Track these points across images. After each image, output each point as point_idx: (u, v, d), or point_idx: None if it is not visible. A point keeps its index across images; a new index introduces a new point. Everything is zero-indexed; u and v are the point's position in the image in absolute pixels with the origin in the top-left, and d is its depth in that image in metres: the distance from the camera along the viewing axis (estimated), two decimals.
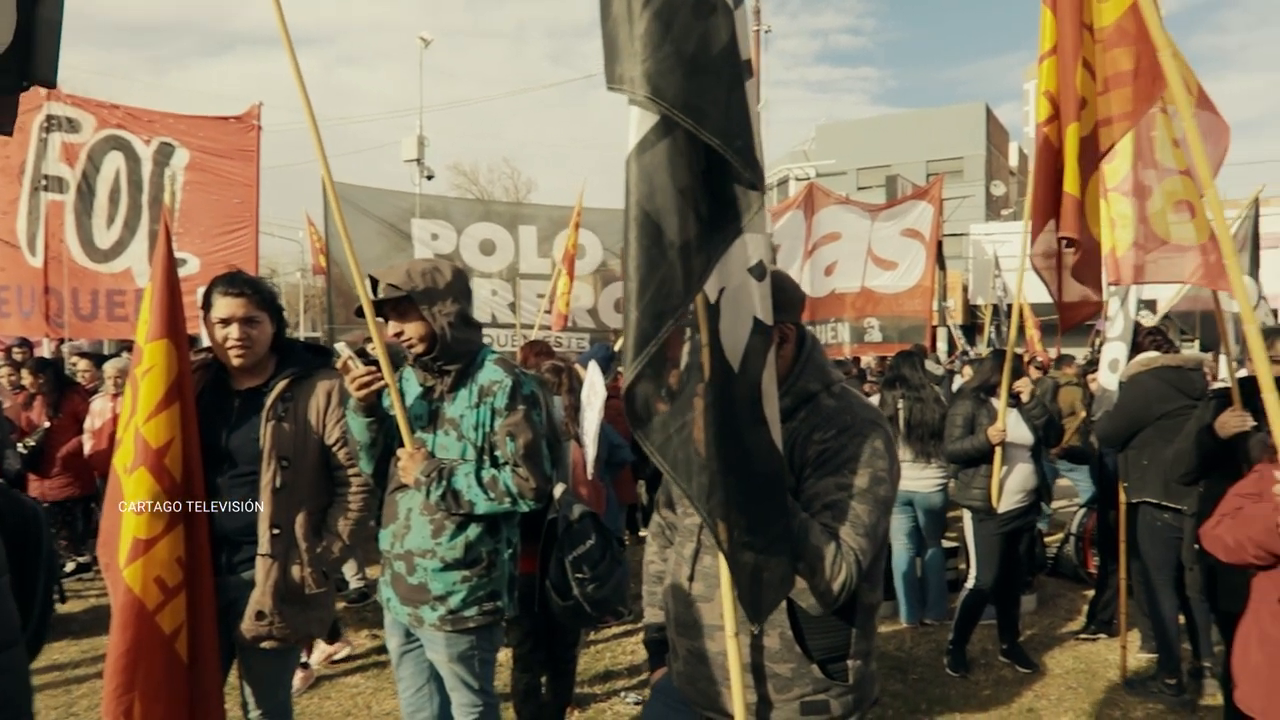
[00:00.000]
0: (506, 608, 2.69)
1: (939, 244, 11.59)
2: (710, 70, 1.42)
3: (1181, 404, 4.36)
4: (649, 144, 1.43)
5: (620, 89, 1.43)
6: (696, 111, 1.40)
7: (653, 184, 1.42)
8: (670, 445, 1.47)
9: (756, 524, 1.53)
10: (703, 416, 1.46)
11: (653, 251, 1.42)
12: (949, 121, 31.57)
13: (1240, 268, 2.31)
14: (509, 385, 2.59)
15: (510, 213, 11.36)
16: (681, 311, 1.43)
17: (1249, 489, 2.38)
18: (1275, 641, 2.17)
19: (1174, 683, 4.42)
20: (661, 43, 1.40)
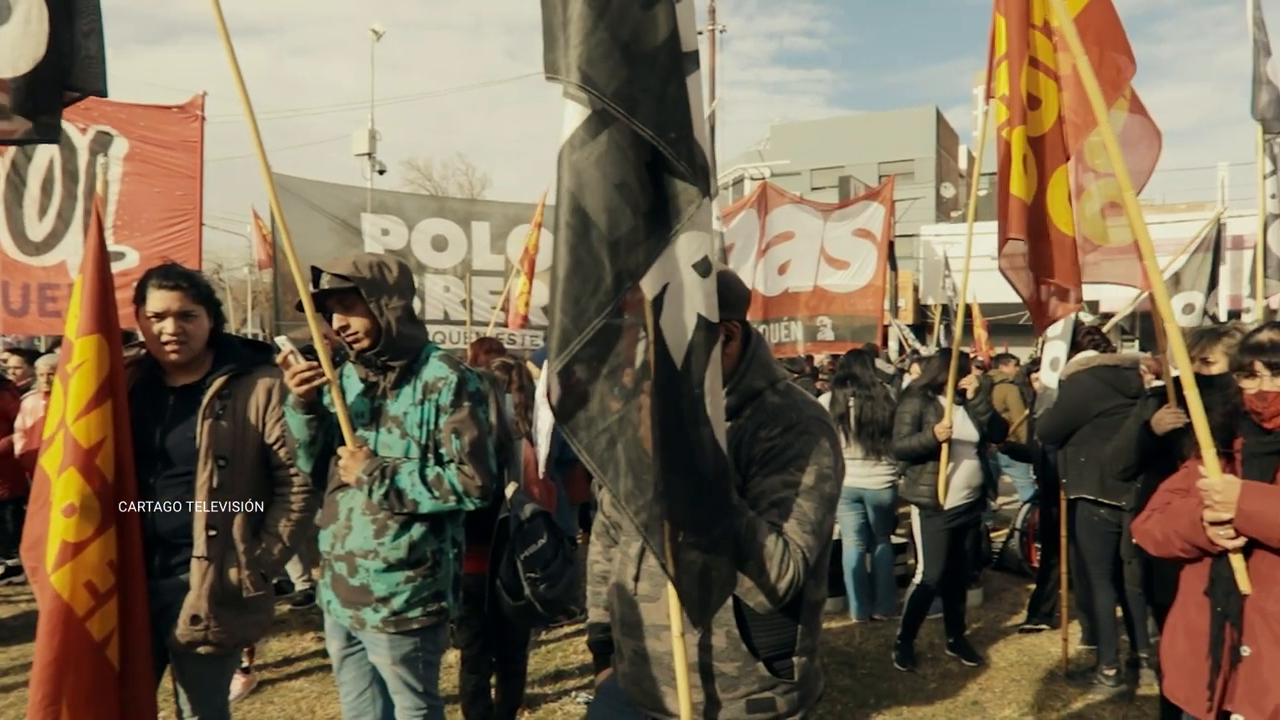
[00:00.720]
0: (451, 608, 2.65)
1: (890, 244, 11.75)
2: (645, 60, 1.40)
3: (1118, 402, 4.47)
4: (583, 138, 1.40)
5: (557, 78, 1.40)
6: (628, 100, 1.38)
7: (584, 178, 1.40)
8: (598, 444, 1.44)
9: (700, 524, 1.51)
10: (647, 415, 1.45)
11: (579, 249, 1.40)
12: (900, 124, 32.07)
13: (1158, 269, 2.36)
14: (454, 382, 2.55)
15: (464, 209, 11.24)
16: (609, 309, 1.41)
17: (1178, 484, 2.44)
18: (1200, 632, 2.23)
19: (1112, 673, 4.54)
20: (594, 29, 1.37)
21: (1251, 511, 2.08)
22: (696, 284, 1.50)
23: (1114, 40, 3.57)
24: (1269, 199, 5.71)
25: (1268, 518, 2.06)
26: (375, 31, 18.31)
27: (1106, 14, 3.58)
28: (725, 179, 31.16)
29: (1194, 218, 13.89)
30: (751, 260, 10.64)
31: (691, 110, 1.49)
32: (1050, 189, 3.65)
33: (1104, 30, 3.55)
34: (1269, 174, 5.58)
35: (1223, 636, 2.15)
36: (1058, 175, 3.67)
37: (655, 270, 1.46)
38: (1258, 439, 2.23)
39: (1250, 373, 2.25)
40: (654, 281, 1.46)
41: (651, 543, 1.48)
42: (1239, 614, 2.14)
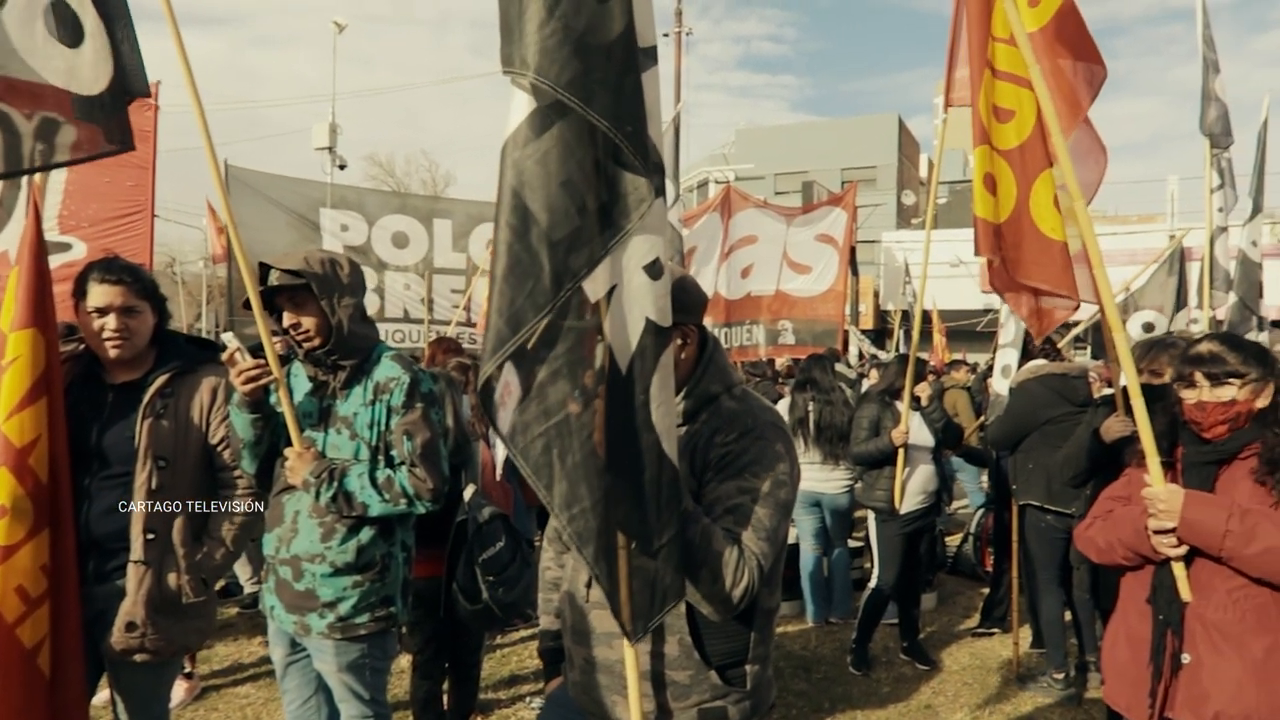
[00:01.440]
0: (400, 614, 2.59)
1: (852, 250, 11.87)
2: (601, 53, 1.37)
3: (1065, 410, 4.56)
4: (528, 134, 1.36)
5: (512, 71, 1.37)
6: (584, 91, 1.35)
7: (527, 175, 1.36)
8: (533, 449, 1.40)
9: (643, 533, 1.48)
10: (588, 420, 1.41)
11: (517, 248, 1.36)
12: (863, 131, 32.44)
13: (1107, 279, 2.40)
14: (406, 382, 2.50)
15: (427, 206, 11.11)
16: (547, 311, 1.37)
17: (1119, 492, 2.46)
18: (1141, 640, 2.25)
19: (1061, 677, 4.61)
20: (547, 21, 1.34)
21: (1194, 520, 2.11)
22: (646, 287, 1.46)
23: (1084, 49, 3.62)
24: (1216, 212, 5.86)
25: (1209, 526, 2.09)
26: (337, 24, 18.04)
27: (1075, 23, 3.63)
28: (690, 182, 31.22)
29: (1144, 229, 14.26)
30: (714, 263, 10.67)
31: (647, 106, 1.46)
32: (1034, 196, 3.64)
33: (1075, 38, 3.59)
34: (1216, 188, 5.72)
35: (1164, 644, 2.17)
36: (1042, 180, 3.64)
37: (601, 272, 1.42)
38: (1197, 449, 2.26)
39: (1190, 383, 2.28)
40: (600, 283, 1.42)
41: (584, 552, 1.44)
42: (1180, 622, 2.17)
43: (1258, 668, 2.10)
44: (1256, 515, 2.08)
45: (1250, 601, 2.13)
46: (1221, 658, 2.13)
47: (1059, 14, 3.56)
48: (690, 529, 1.60)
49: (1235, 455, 2.23)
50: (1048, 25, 3.54)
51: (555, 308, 1.38)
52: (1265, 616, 2.13)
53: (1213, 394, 2.22)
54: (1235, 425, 2.22)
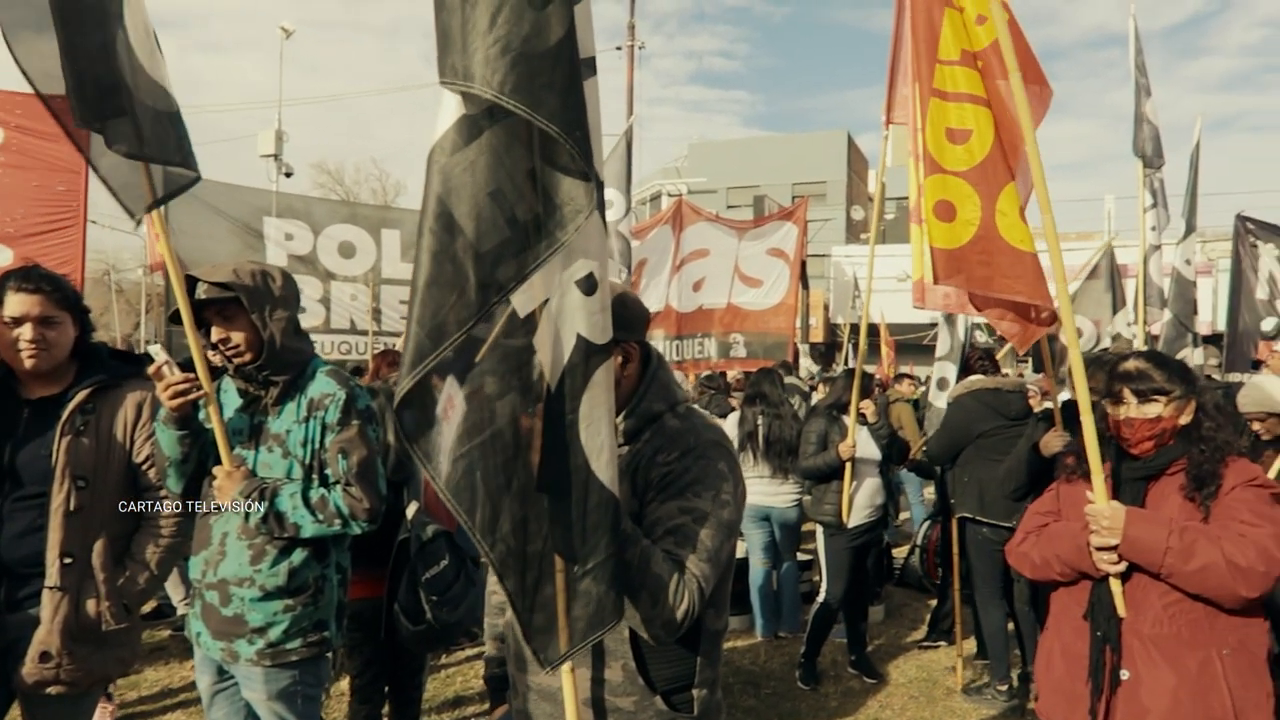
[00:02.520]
0: (334, 638, 2.49)
1: (803, 264, 11.99)
2: (545, 59, 1.33)
3: (998, 424, 4.68)
4: (456, 142, 1.31)
5: (452, 82, 1.31)
6: (531, 97, 1.30)
7: (453, 184, 1.31)
8: (454, 470, 1.33)
9: (573, 557, 1.43)
10: (512, 441, 1.35)
11: (441, 258, 1.30)
12: (814, 147, 32.90)
13: (1068, 294, 2.42)
14: (341, 398, 2.41)
15: (377, 216, 10.93)
16: (471, 325, 1.32)
17: (1047, 507, 2.48)
18: (1078, 656, 2.26)
19: (1005, 688, 4.67)
20: (489, 30, 1.30)
21: (1136, 537, 2.12)
22: (579, 302, 1.41)
23: (1030, 68, 3.68)
24: (1149, 230, 6.04)
25: (1150, 543, 2.11)
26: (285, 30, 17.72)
27: (1020, 39, 3.69)
28: (643, 194, 31.32)
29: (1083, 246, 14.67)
30: (665, 276, 10.69)
31: (589, 116, 1.43)
32: (999, 211, 3.67)
33: (1021, 56, 3.64)
34: (1149, 207, 5.89)
35: (1103, 660, 2.18)
36: (1005, 195, 3.68)
37: (530, 286, 1.37)
38: (1127, 464, 2.28)
39: (1118, 399, 2.31)
40: (528, 298, 1.37)
41: (506, 581, 1.38)
42: (1118, 638, 2.19)
43: (1193, 681, 2.12)
44: (1194, 532, 2.11)
45: (1185, 616, 2.16)
46: (1158, 673, 2.15)
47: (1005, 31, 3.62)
48: (629, 551, 1.54)
49: (1164, 471, 2.27)
50: (995, 43, 3.59)
51: (480, 321, 1.32)
52: (1199, 630, 2.15)
53: (1140, 410, 2.25)
54: (1161, 441, 2.26)
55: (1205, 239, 14.89)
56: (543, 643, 1.46)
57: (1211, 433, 2.25)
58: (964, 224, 3.61)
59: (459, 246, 1.31)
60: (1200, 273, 7.57)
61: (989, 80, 3.63)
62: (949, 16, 3.64)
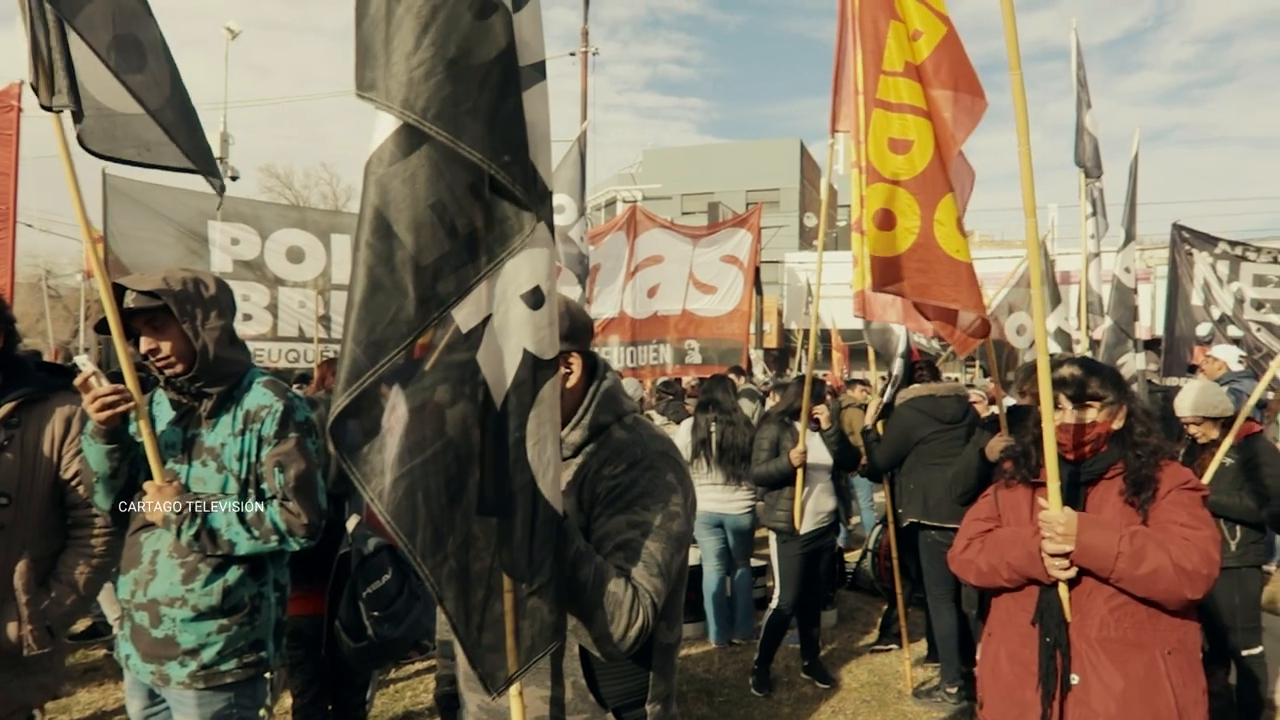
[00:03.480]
0: (271, 658, 2.41)
1: (756, 270, 12.07)
2: (474, 78, 1.28)
3: (935, 429, 4.82)
4: (394, 153, 1.27)
5: (369, 97, 1.26)
6: (453, 123, 1.26)
7: (392, 196, 1.26)
8: (395, 490, 1.28)
9: (519, 577, 1.38)
10: (455, 460, 1.31)
11: (379, 271, 1.25)
12: (767, 154, 33.23)
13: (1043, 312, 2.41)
14: (279, 410, 2.34)
15: (327, 221, 10.73)
16: (410, 341, 1.27)
17: (986, 513, 2.50)
18: (1025, 662, 2.27)
19: (955, 690, 4.72)
20: (416, 47, 1.25)
21: (1089, 544, 2.15)
22: (525, 317, 1.37)
23: (965, 79, 3.74)
24: (1089, 239, 6.18)
25: (1102, 549, 2.14)
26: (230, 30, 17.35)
27: (957, 51, 3.75)
28: (597, 200, 31.33)
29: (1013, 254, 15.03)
30: (619, 282, 10.68)
31: (531, 128, 1.38)
32: (937, 221, 3.72)
33: (956, 69, 3.71)
34: (1089, 215, 6.04)
35: (1053, 666, 2.20)
36: (944, 205, 3.73)
37: (473, 300, 1.33)
38: (1065, 469, 2.30)
39: (1054, 405, 2.34)
40: (471, 312, 1.33)
41: (447, 604, 1.34)
42: (1068, 643, 2.20)
43: (1140, 683, 2.15)
44: (1143, 536, 2.15)
45: (1130, 619, 2.19)
46: (1107, 676, 2.17)
47: (942, 44, 3.68)
48: (583, 570, 1.51)
49: (1102, 475, 2.31)
50: (931, 56, 3.66)
51: (419, 336, 1.27)
52: (1143, 632, 2.19)
53: (1075, 416, 2.29)
54: (1096, 447, 2.30)
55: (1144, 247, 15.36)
56: (491, 665, 1.40)
57: (1143, 437, 2.30)
58: (904, 232, 3.67)
59: (398, 260, 1.26)
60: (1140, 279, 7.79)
61: (928, 92, 3.69)
62: (893, 28, 3.69)
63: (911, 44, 3.68)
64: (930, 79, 3.65)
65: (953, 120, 3.64)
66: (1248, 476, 4.05)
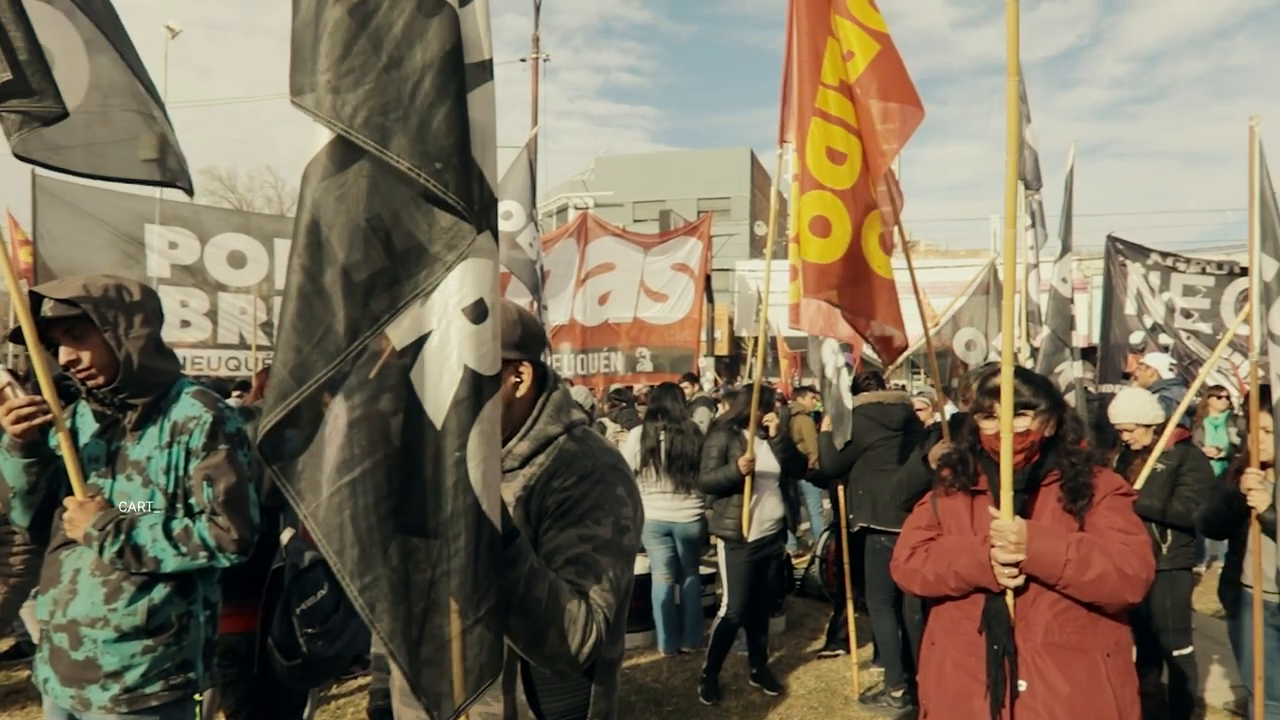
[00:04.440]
0: (201, 679, 2.32)
1: (707, 278, 12.15)
2: (406, 84, 1.24)
3: (881, 435, 4.92)
4: (328, 166, 1.22)
5: (301, 106, 1.22)
6: (379, 131, 1.22)
7: (325, 210, 1.22)
8: (324, 509, 1.23)
9: (470, 601, 1.33)
10: (386, 480, 1.26)
11: (308, 289, 1.21)
12: (718, 163, 33.46)
13: (1012, 320, 2.43)
14: (208, 422, 2.26)
15: (272, 226, 10.49)
16: (340, 360, 1.23)
17: (926, 521, 2.53)
18: (972, 670, 2.30)
19: (899, 694, 4.77)
20: (346, 52, 1.21)
21: (1039, 551, 2.18)
22: (467, 332, 1.31)
23: (900, 91, 3.81)
24: (1029, 250, 6.33)
25: (1051, 557, 2.17)
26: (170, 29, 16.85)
27: (893, 66, 3.82)
28: (549, 207, 31.23)
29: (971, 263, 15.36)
30: (570, 289, 10.65)
31: (475, 131, 1.33)
32: (865, 236, 3.80)
33: (890, 82, 3.78)
34: (1029, 227, 6.18)
35: (1002, 674, 2.22)
36: (870, 221, 3.82)
37: (410, 316, 1.28)
38: (1000, 477, 2.34)
39: (988, 414, 2.38)
40: (408, 329, 1.28)
41: (378, 627, 1.29)
42: (1015, 650, 2.23)
43: (1084, 686, 2.20)
44: (1088, 543, 2.19)
45: (1073, 624, 2.24)
46: (1053, 680, 2.21)
47: (875, 61, 3.77)
48: (537, 586, 1.47)
49: (1039, 483, 2.35)
50: (863, 75, 3.74)
51: (349, 358, 1.23)
52: (1085, 637, 2.23)
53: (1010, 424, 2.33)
54: (1030, 454, 2.34)
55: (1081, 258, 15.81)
56: (432, 682, 1.34)
57: (1075, 444, 2.35)
58: (837, 241, 3.74)
59: (328, 279, 1.22)
60: (1077, 289, 8.01)
61: (859, 108, 3.78)
62: (830, 45, 3.76)
63: (845, 64, 3.77)
64: (862, 95, 3.74)
65: (884, 132, 3.73)
66: (1178, 482, 4.18)
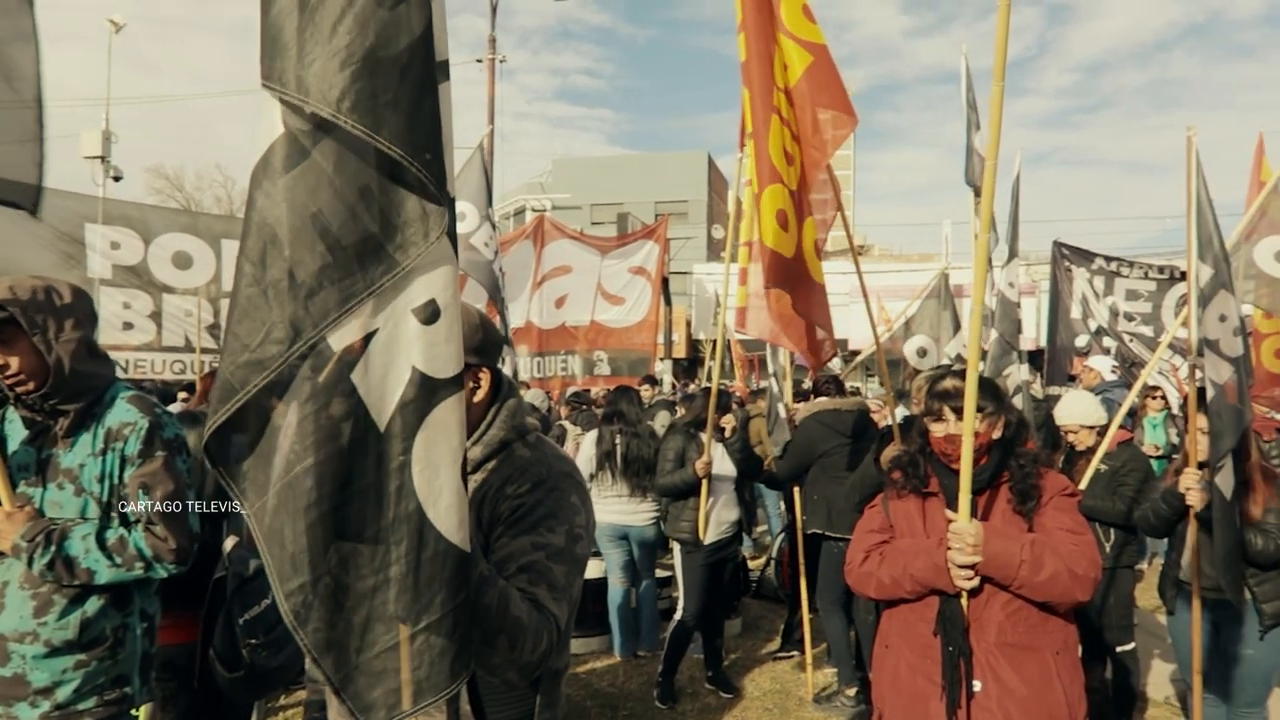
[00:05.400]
0: (137, 694, 2.25)
1: (665, 280, 12.18)
2: (393, 69, 1.21)
3: (838, 442, 4.95)
4: (277, 167, 1.19)
5: (281, 92, 1.18)
6: (373, 117, 1.18)
7: (270, 213, 1.18)
8: (270, 510, 1.21)
9: (402, 614, 1.31)
10: (318, 485, 1.22)
11: (252, 289, 1.18)
12: (676, 166, 33.63)
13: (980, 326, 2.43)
14: (144, 427, 2.18)
15: (221, 226, 10.24)
16: (284, 360, 1.20)
17: (878, 524, 2.55)
18: (927, 673, 2.32)
19: (853, 693, 4.82)
20: (329, 36, 1.17)
21: (995, 553, 2.21)
22: (416, 333, 1.27)
23: (834, 98, 3.88)
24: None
25: (1007, 558, 2.20)
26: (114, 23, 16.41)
27: (827, 73, 3.89)
28: (507, 209, 31.07)
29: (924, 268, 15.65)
30: (527, 292, 10.60)
31: (444, 128, 1.30)
32: (804, 240, 3.86)
33: (822, 89, 3.85)
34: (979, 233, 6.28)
35: (958, 675, 2.24)
36: (806, 227, 3.89)
37: (356, 316, 1.24)
38: (952, 480, 2.36)
39: (938, 417, 2.41)
40: (355, 328, 1.25)
41: (303, 632, 1.26)
42: (970, 651, 2.26)
43: (1036, 684, 2.23)
44: (1040, 544, 2.23)
45: (1025, 623, 2.27)
46: (1007, 680, 2.24)
47: (810, 69, 3.84)
48: (487, 594, 1.45)
49: (989, 485, 2.39)
50: (799, 83, 3.81)
51: (294, 357, 1.20)
52: (1036, 635, 2.27)
53: (959, 426, 2.35)
54: (979, 456, 2.37)
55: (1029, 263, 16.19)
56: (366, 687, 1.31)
57: (1023, 446, 2.39)
58: (792, 237, 3.79)
59: (271, 277, 1.19)
60: (1024, 293, 8.17)
61: (796, 114, 3.86)
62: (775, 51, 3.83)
63: (784, 72, 3.84)
64: (798, 101, 3.82)
65: (817, 141, 3.82)
66: (1120, 482, 4.28)
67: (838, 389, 5.48)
